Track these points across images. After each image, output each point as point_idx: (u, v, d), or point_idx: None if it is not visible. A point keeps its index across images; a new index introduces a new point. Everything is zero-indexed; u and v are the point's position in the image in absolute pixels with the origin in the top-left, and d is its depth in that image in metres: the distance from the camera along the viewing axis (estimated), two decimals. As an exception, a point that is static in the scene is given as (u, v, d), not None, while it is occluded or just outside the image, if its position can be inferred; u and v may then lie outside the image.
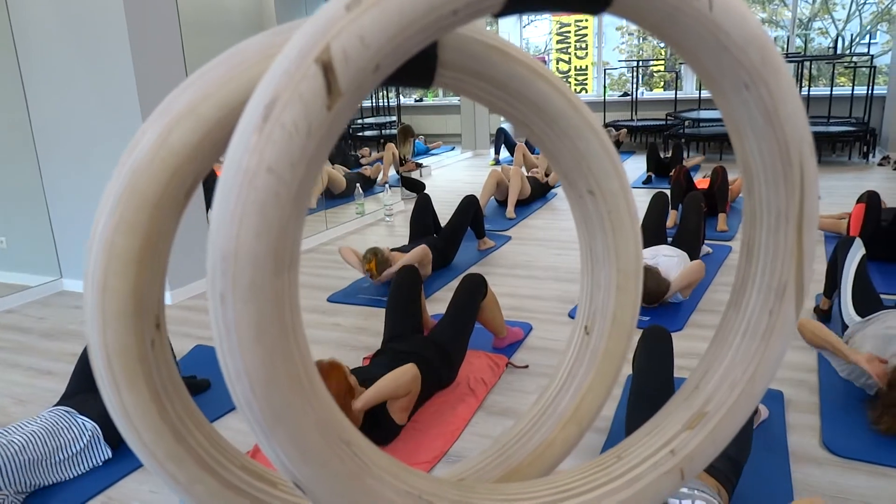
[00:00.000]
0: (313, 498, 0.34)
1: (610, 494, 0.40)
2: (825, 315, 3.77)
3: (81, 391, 2.84)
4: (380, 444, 2.79)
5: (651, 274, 3.96)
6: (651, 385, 2.53)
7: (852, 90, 9.28)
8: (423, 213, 5.35)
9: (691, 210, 4.88)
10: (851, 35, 11.75)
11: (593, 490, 0.40)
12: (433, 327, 3.45)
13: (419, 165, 9.10)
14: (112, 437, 2.72)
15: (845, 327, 3.26)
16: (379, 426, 2.78)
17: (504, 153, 10.11)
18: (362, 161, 8.65)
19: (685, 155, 8.24)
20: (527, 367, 3.44)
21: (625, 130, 10.28)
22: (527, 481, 0.43)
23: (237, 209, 0.30)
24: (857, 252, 3.51)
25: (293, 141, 0.29)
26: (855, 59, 9.77)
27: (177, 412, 0.40)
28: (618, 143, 10.01)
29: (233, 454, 0.43)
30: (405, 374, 2.74)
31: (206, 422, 0.43)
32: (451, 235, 5.16)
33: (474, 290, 3.37)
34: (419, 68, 0.38)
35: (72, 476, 2.63)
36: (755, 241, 0.41)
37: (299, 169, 0.30)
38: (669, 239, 4.78)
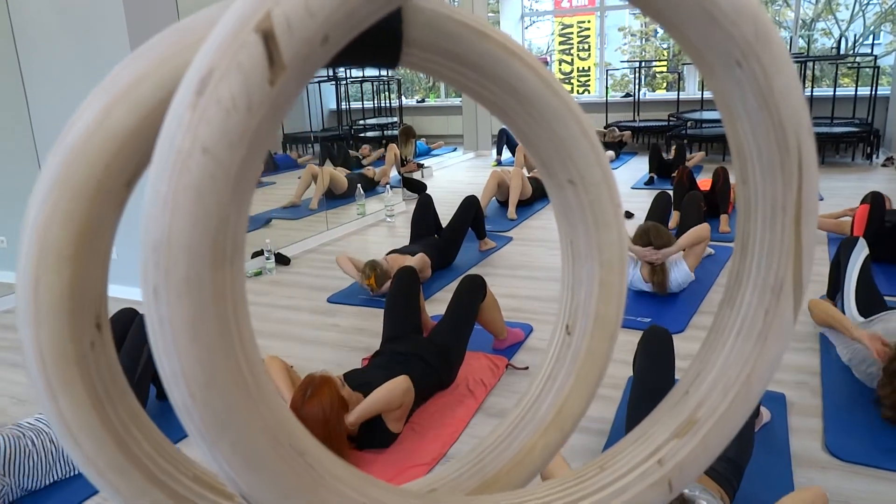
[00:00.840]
0: (263, 513, 0.31)
1: (593, 507, 0.38)
2: None
3: None
4: (377, 448, 2.77)
5: (656, 226, 4.09)
6: (652, 387, 2.50)
7: (855, 91, 9.23)
8: (425, 213, 5.33)
9: (690, 210, 4.87)
10: (855, 35, 11.70)
11: (573, 503, 0.37)
12: (433, 328, 3.43)
13: (420, 166, 9.08)
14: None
15: (849, 328, 3.23)
16: (375, 435, 2.76)
17: (506, 154, 10.08)
18: (364, 161, 8.64)
19: (688, 155, 8.21)
20: (527, 368, 3.41)
21: (629, 133, 10.24)
22: (501, 493, 0.40)
23: (169, 194, 0.27)
24: (861, 252, 3.48)
25: (231, 118, 0.26)
26: (858, 59, 9.73)
27: (121, 419, 0.37)
28: (621, 144, 9.98)
29: (184, 464, 0.40)
30: (397, 388, 2.70)
31: (155, 429, 0.40)
32: (452, 236, 5.14)
33: (474, 291, 3.35)
34: (382, 46, 0.35)
35: (70, 475, 2.61)
36: (750, 235, 0.37)
37: (239, 149, 0.27)
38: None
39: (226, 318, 0.28)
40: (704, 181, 6.23)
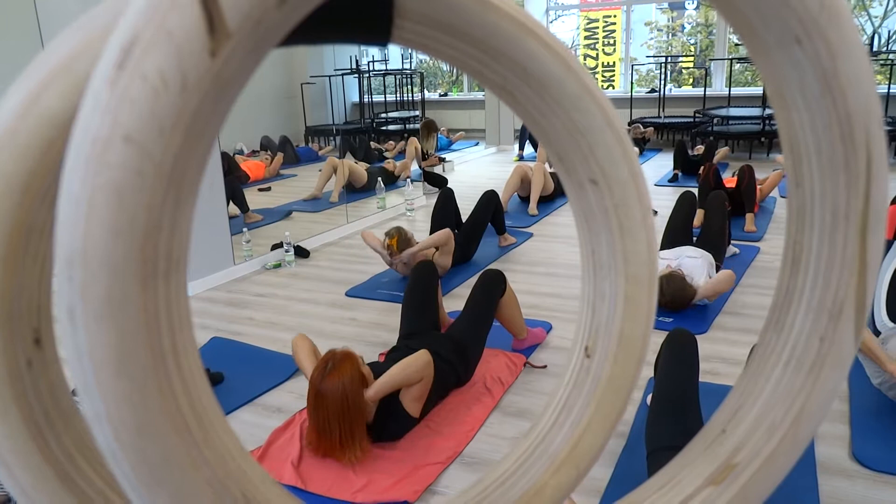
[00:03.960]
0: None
1: (611, 561, 0.32)
2: None
3: None
4: (394, 437, 2.74)
5: (675, 280, 3.84)
6: (674, 392, 2.42)
7: (888, 88, 9.01)
8: (446, 207, 5.27)
9: (714, 209, 4.76)
10: (889, 32, 11.43)
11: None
12: (451, 324, 3.38)
13: (442, 160, 9.02)
14: None
15: (877, 333, 3.13)
16: (392, 418, 2.73)
17: (528, 149, 10.00)
18: (386, 154, 8.60)
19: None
20: (545, 367, 3.35)
21: (652, 129, 10.08)
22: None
23: (83, 194, 0.21)
24: (894, 257, 3.36)
25: (160, 98, 0.21)
26: (892, 56, 9.50)
27: (64, 449, 0.32)
28: (644, 141, 9.83)
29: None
30: (417, 360, 2.68)
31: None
32: (472, 231, 5.09)
33: (492, 286, 3.29)
34: (370, 19, 0.29)
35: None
36: (803, 247, 0.31)
37: (173, 137, 0.21)
38: (694, 239, 4.67)
39: (160, 347, 0.23)
40: (729, 180, 6.11)
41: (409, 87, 10.55)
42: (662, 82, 10.90)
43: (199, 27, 0.21)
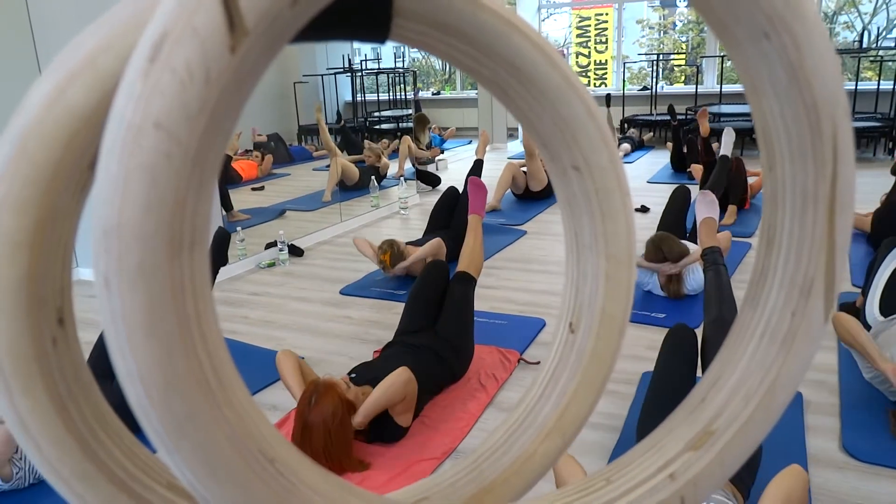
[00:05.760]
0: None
1: (597, 524, 0.34)
2: (857, 313, 3.63)
3: (96, 377, 2.82)
4: (389, 442, 2.77)
5: (664, 238, 4.06)
6: (670, 388, 2.44)
7: (878, 84, 9.08)
8: (448, 205, 5.29)
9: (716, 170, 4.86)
10: (878, 29, 11.51)
11: (577, 519, 0.34)
12: (439, 323, 3.40)
13: (441, 151, 9.05)
14: (129, 426, 2.72)
15: (868, 328, 3.16)
16: (385, 431, 2.75)
17: (519, 147, 10.04)
18: (369, 150, 8.56)
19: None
20: (538, 363, 3.38)
21: (651, 134, 10.12)
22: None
23: (120, 174, 0.24)
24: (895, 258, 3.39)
25: (187, 89, 0.23)
26: (881, 53, 9.57)
27: (86, 422, 0.34)
28: (641, 143, 9.85)
29: (156, 470, 0.37)
30: (396, 380, 2.69)
31: (126, 432, 0.37)
32: (465, 227, 5.11)
33: (467, 282, 3.35)
34: (370, 16, 0.32)
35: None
36: (776, 228, 0.34)
37: (197, 124, 0.24)
38: (687, 234, 4.71)
39: (185, 311, 0.26)
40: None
41: (402, 85, 10.57)
42: (654, 80, 10.95)
43: (220, 25, 0.23)
